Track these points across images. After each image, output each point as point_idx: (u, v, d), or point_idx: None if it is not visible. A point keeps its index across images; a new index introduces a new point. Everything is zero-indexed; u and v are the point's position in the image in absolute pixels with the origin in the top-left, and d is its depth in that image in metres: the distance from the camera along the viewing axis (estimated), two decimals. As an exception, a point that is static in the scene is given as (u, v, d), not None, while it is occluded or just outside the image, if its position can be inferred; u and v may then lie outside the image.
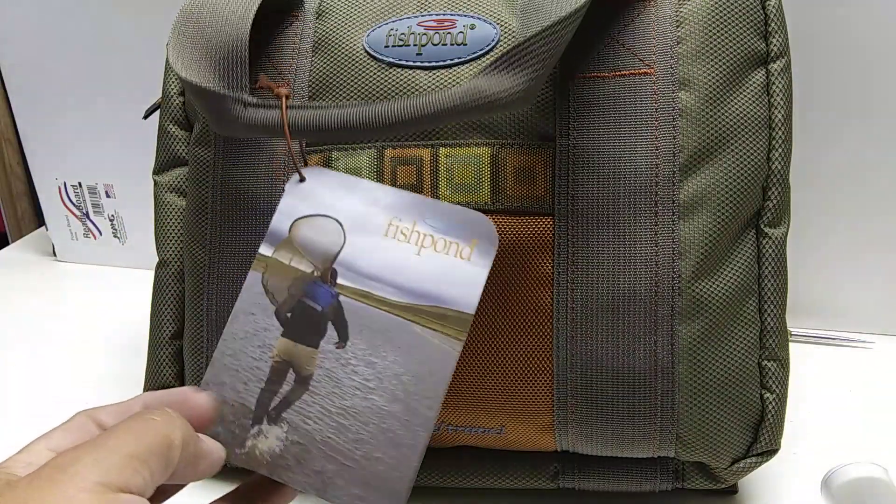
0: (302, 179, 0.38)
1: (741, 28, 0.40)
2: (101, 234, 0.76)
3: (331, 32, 0.43)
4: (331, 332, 0.36)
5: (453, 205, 0.37)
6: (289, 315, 0.36)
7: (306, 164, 0.42)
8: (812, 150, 0.56)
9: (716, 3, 0.40)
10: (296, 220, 0.38)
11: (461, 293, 0.35)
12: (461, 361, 0.40)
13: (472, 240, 0.35)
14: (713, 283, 0.39)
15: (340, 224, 0.37)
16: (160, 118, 0.48)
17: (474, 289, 0.35)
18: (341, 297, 0.36)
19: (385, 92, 0.41)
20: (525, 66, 0.35)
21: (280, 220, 0.38)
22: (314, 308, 0.36)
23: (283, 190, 0.38)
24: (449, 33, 0.41)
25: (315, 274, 0.37)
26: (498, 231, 0.40)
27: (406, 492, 0.33)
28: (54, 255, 0.80)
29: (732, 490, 0.45)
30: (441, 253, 0.35)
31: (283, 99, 0.37)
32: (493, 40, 0.41)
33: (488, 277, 0.40)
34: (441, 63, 0.41)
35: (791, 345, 0.44)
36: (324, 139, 0.37)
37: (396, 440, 0.34)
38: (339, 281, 0.36)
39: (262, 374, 0.36)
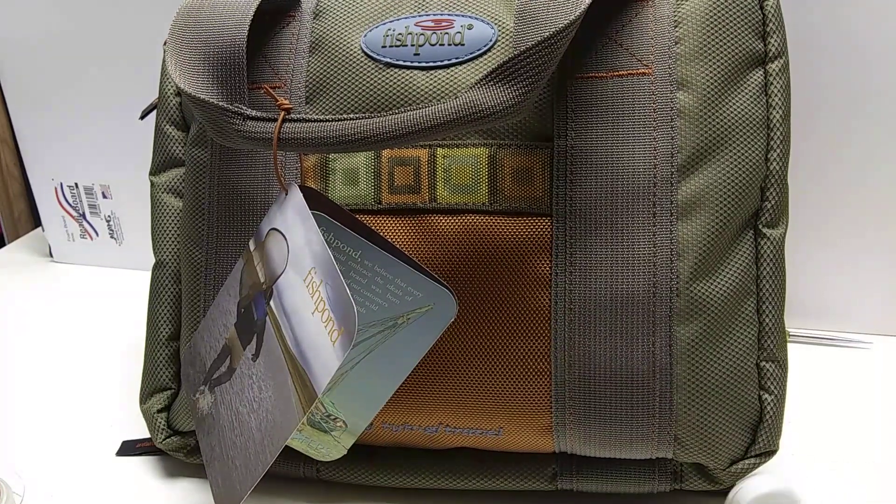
0: (286, 193, 0.38)
1: (739, 28, 0.40)
2: (97, 234, 0.76)
3: (328, 32, 0.43)
4: (254, 343, 0.38)
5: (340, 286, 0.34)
6: (242, 310, 0.39)
7: (302, 167, 0.42)
8: (810, 150, 0.56)
9: (714, 3, 0.40)
10: (270, 229, 0.39)
11: (319, 372, 0.34)
12: (460, 363, 0.41)
13: (341, 327, 0.34)
14: (711, 283, 0.39)
15: (288, 251, 0.37)
16: (157, 119, 0.48)
17: (325, 375, 0.34)
18: (267, 317, 0.38)
19: (382, 92, 0.41)
20: (520, 78, 0.35)
21: (264, 223, 0.39)
22: (253, 315, 0.38)
23: (279, 192, 0.38)
24: (446, 33, 0.41)
25: (263, 286, 0.38)
26: (496, 232, 0.40)
27: (242, 502, 0.38)
28: (51, 256, 0.79)
29: (731, 491, 0.45)
30: (323, 324, 0.34)
31: (281, 115, 0.37)
32: (490, 40, 0.40)
33: (486, 279, 0.40)
34: (438, 63, 0.41)
35: (789, 345, 0.44)
36: (322, 152, 0.37)
37: (248, 461, 0.37)
38: (271, 303, 0.37)
39: (218, 347, 0.40)
